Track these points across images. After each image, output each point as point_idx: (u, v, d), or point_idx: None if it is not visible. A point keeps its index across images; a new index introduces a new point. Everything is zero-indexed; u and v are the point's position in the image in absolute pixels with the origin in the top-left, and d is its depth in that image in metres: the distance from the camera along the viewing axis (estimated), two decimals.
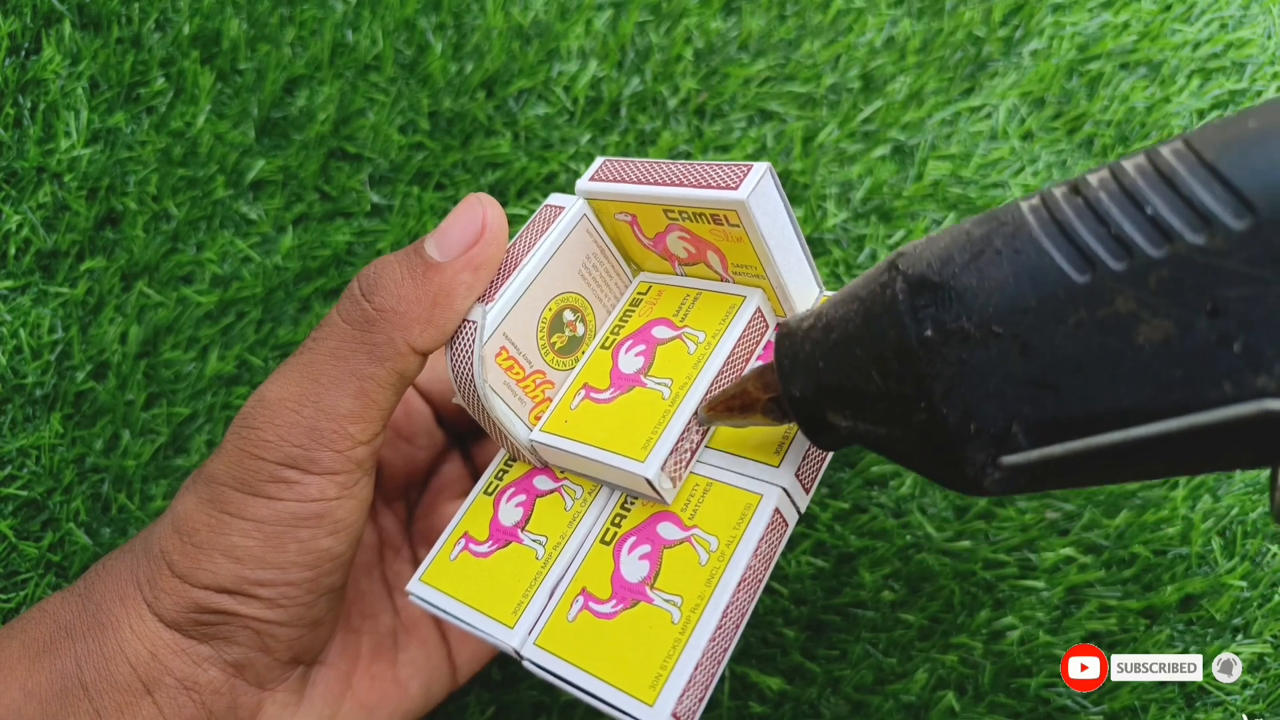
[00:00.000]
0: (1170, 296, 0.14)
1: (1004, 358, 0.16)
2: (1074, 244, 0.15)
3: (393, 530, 0.32)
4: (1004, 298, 0.16)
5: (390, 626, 0.30)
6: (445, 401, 0.32)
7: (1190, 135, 0.15)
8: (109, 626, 0.24)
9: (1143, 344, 0.15)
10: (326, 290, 0.40)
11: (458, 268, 0.24)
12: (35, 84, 0.41)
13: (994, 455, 0.17)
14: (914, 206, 0.39)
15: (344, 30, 0.44)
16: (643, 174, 0.26)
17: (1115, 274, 0.15)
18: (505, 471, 0.28)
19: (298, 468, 0.24)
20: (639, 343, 0.27)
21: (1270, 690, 0.30)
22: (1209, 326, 0.14)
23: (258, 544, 0.24)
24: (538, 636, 0.24)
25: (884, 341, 0.18)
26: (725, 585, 0.23)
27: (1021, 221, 0.16)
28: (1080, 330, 0.15)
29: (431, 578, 0.26)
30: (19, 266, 0.39)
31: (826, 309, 0.20)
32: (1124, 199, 0.15)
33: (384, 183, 0.42)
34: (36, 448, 0.36)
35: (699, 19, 0.44)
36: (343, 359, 0.24)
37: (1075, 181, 0.16)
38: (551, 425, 0.26)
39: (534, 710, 0.33)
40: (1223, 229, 0.14)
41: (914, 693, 0.31)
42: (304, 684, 0.27)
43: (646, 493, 0.24)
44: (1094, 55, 0.41)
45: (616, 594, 0.24)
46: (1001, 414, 0.16)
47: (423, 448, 0.32)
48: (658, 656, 0.22)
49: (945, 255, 0.17)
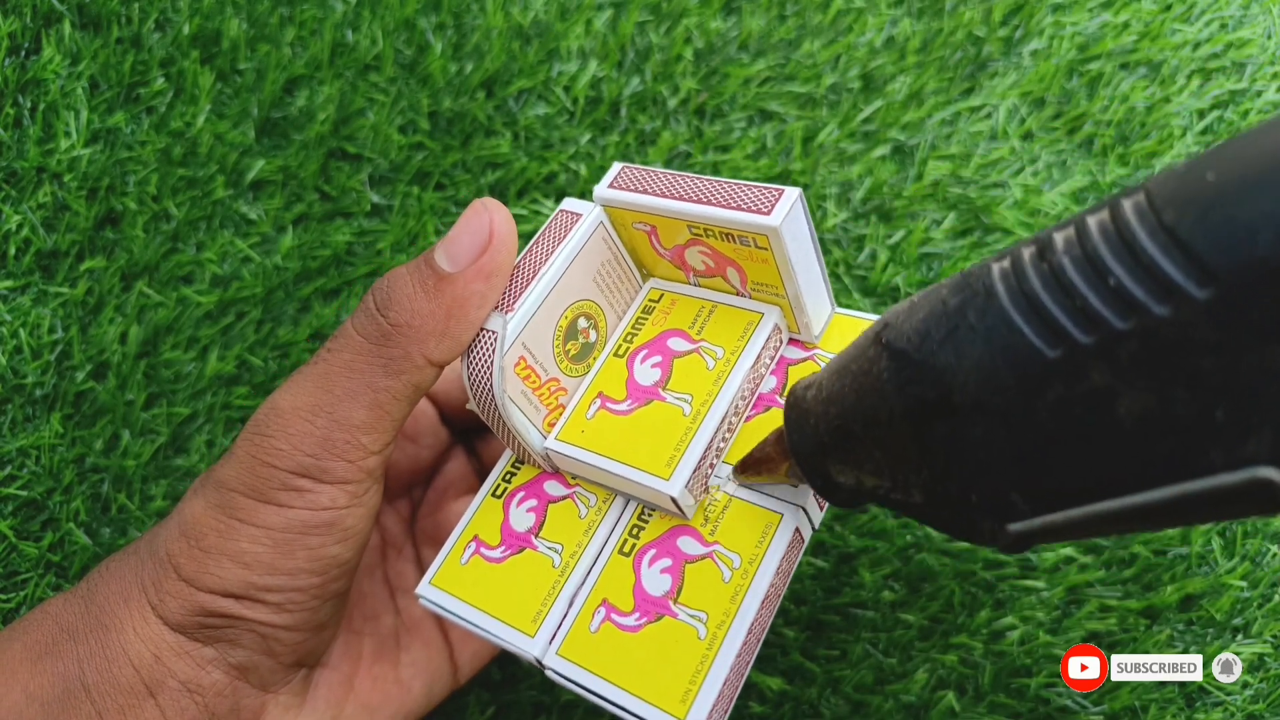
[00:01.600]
0: (1143, 369, 0.14)
1: (991, 434, 0.16)
2: (1042, 318, 0.15)
3: (395, 529, 0.32)
4: (982, 377, 0.16)
5: (392, 627, 0.30)
6: (450, 400, 0.32)
7: (1152, 186, 0.14)
8: (112, 628, 0.24)
9: (1124, 416, 0.14)
10: (326, 290, 0.40)
11: (469, 278, 0.24)
12: (35, 84, 0.41)
13: (1000, 522, 0.17)
14: (914, 206, 0.39)
15: (344, 30, 0.44)
16: (667, 187, 0.25)
17: (1085, 348, 0.14)
18: (513, 474, 0.28)
19: (310, 476, 0.24)
20: (655, 353, 0.27)
21: (1270, 690, 0.30)
22: (1188, 397, 0.14)
23: (267, 550, 0.24)
24: (560, 646, 0.24)
25: (876, 420, 0.18)
26: (750, 603, 0.23)
27: (991, 291, 0.16)
28: (1061, 405, 0.15)
29: (443, 581, 0.26)
30: (19, 266, 0.39)
31: (826, 380, 0.20)
32: (1088, 268, 0.14)
33: (384, 183, 0.42)
34: (36, 448, 0.36)
35: (699, 19, 0.44)
36: (358, 372, 0.24)
37: (1042, 243, 0.15)
38: (568, 434, 0.26)
39: (534, 710, 0.33)
40: (1187, 300, 0.13)
41: (914, 693, 0.31)
42: (307, 686, 0.27)
43: (667, 508, 0.25)
44: (1094, 55, 0.41)
45: (640, 607, 0.24)
46: (998, 486, 0.16)
47: (427, 446, 0.32)
48: (686, 672, 0.22)
49: (924, 330, 0.17)
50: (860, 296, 0.38)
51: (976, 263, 0.17)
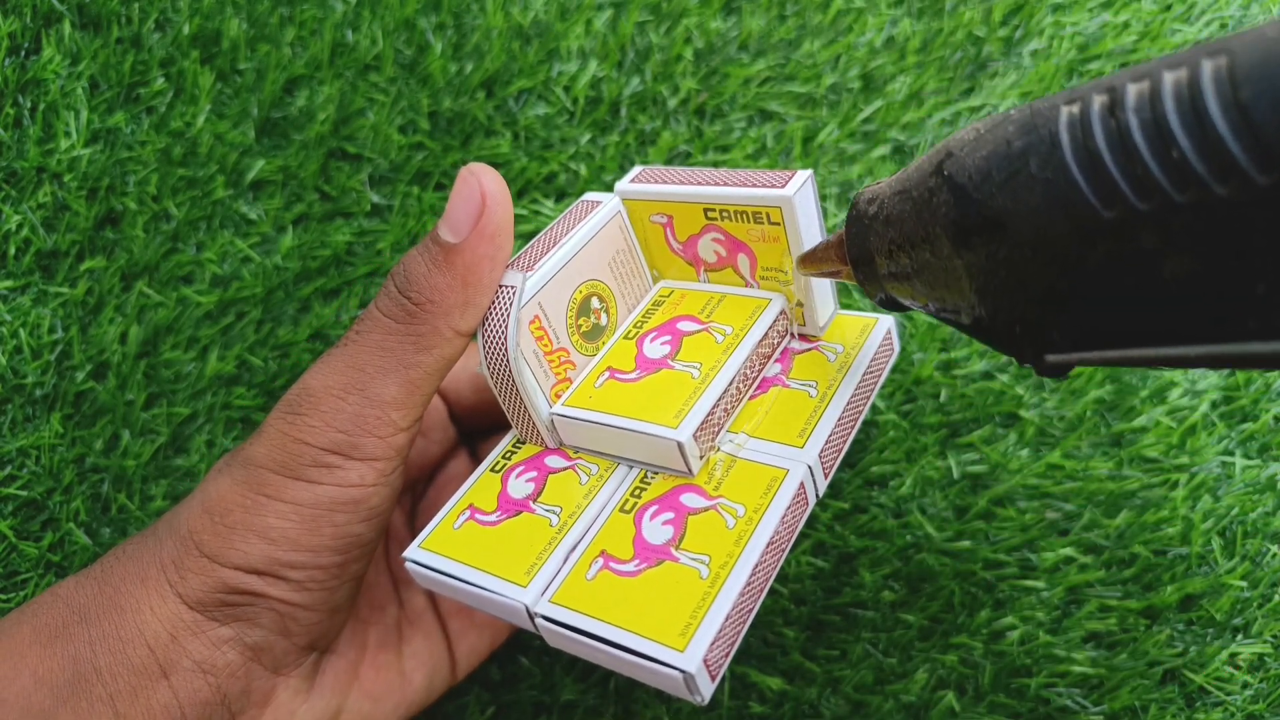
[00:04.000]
0: (1193, 239, 0.14)
1: (1040, 273, 0.17)
2: (1101, 179, 0.15)
3: (398, 523, 0.32)
4: (1037, 224, 0.16)
5: (395, 618, 0.30)
6: (459, 398, 0.32)
7: (1237, 49, 0.14)
8: (128, 609, 0.24)
9: (1168, 277, 0.15)
10: (326, 290, 0.40)
11: (474, 243, 0.24)
12: (35, 84, 0.41)
13: (1039, 351, 0.18)
14: None
15: (344, 30, 0.44)
16: (685, 177, 0.27)
17: (1140, 214, 0.15)
18: (514, 452, 0.28)
19: (341, 453, 0.24)
20: (664, 334, 0.28)
21: (1270, 690, 0.30)
22: (1234, 269, 0.14)
23: (294, 526, 0.24)
24: (553, 594, 0.23)
25: (931, 248, 0.19)
26: (755, 544, 0.23)
27: (1056, 141, 0.16)
28: (1108, 259, 0.16)
29: (433, 544, 0.26)
30: (19, 266, 0.39)
31: (888, 199, 0.21)
32: (1154, 134, 0.14)
33: (384, 183, 0.42)
34: (36, 448, 0.36)
35: (699, 19, 0.44)
36: (389, 350, 0.24)
37: (1115, 94, 0.15)
38: (575, 400, 0.27)
39: (534, 710, 0.33)
40: (1248, 183, 0.13)
41: (914, 693, 0.31)
42: (315, 672, 0.27)
43: (672, 464, 0.25)
44: (1094, 55, 0.41)
45: (639, 555, 0.24)
46: (1041, 320, 0.18)
47: (435, 442, 0.32)
48: (687, 607, 0.22)
49: (985, 170, 0.17)
50: (860, 296, 0.38)
51: (1044, 98, 0.17)
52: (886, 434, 0.35)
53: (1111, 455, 0.34)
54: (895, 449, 0.35)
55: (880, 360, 0.28)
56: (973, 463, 0.34)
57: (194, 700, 0.24)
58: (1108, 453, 0.34)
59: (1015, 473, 0.34)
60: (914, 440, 0.35)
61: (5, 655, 0.24)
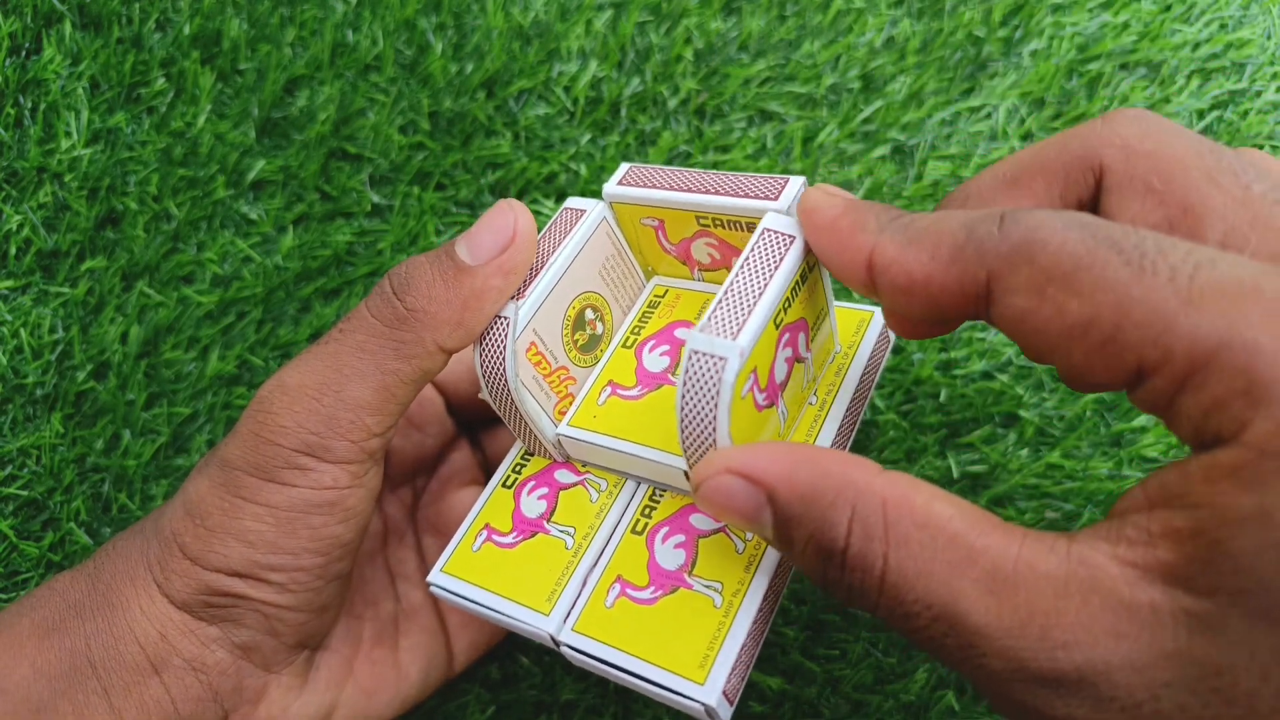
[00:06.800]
0: None
1: None
2: None
3: (398, 517, 0.32)
4: None
5: (392, 613, 0.30)
6: (458, 391, 0.32)
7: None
8: (119, 606, 0.24)
9: None
10: (327, 290, 0.40)
11: (489, 272, 0.24)
12: (36, 84, 0.42)
13: None
14: (914, 207, 0.39)
15: (344, 30, 0.44)
16: (676, 181, 0.26)
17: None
18: (523, 465, 0.28)
19: (313, 455, 0.24)
20: (663, 343, 0.28)
21: None
22: None
23: (270, 529, 0.24)
24: (575, 623, 0.24)
25: None
26: (764, 570, 0.23)
27: None
28: None
29: (455, 568, 0.26)
30: (19, 266, 0.39)
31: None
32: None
33: (384, 183, 0.42)
34: (37, 448, 0.36)
35: (699, 19, 0.44)
36: (369, 353, 0.24)
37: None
38: (580, 420, 0.27)
39: (534, 710, 0.33)
40: None
41: (914, 693, 0.31)
42: (308, 668, 0.27)
43: (679, 485, 0.25)
44: (1094, 55, 0.41)
45: (655, 581, 0.24)
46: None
47: (433, 435, 0.32)
48: (704, 639, 0.22)
49: None
50: (860, 296, 0.38)
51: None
52: (886, 434, 0.35)
53: (1111, 455, 0.34)
54: (895, 449, 0.35)
55: (877, 356, 0.28)
56: (972, 462, 0.34)
57: (186, 696, 0.24)
58: (1107, 453, 0.34)
59: (1015, 473, 0.34)
60: (914, 440, 0.35)
61: (5, 647, 0.24)
